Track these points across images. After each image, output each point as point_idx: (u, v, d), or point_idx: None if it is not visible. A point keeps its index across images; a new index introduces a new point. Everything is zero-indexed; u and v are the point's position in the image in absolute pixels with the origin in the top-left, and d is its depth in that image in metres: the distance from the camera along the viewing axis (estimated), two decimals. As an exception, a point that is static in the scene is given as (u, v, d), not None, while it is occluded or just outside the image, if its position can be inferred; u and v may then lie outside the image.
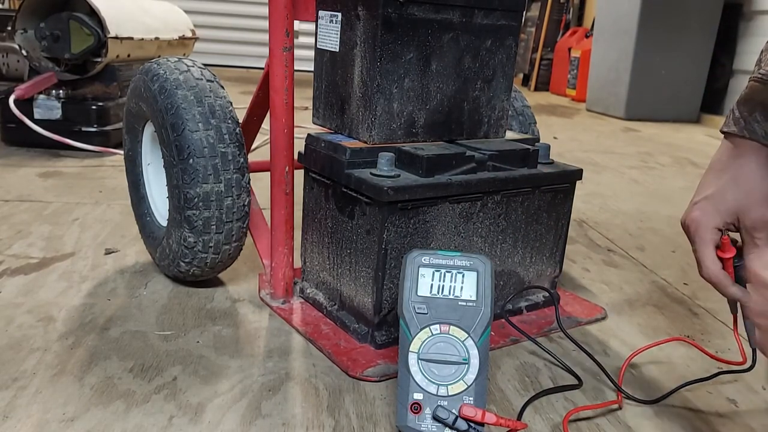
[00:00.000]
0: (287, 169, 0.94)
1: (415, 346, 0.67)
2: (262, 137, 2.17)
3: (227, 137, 0.93)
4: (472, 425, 0.64)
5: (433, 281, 0.70)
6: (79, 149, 1.96)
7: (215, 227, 0.94)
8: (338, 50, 0.90)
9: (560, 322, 0.91)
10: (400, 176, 0.83)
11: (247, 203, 0.97)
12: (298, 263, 1.03)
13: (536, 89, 5.40)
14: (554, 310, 1.03)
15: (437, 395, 0.65)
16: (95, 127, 2.00)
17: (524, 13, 0.98)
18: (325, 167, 0.90)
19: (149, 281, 1.07)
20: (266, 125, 1.00)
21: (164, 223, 1.07)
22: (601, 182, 2.06)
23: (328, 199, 0.92)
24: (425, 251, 0.72)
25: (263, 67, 1.04)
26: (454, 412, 0.64)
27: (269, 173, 0.96)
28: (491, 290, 0.70)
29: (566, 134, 3.06)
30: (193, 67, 0.99)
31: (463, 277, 0.70)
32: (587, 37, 4.76)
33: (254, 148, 1.94)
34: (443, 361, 0.67)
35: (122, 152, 1.20)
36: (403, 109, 0.89)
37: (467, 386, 0.66)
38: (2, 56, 2.39)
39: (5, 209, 1.40)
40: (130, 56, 2.08)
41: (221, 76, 1.66)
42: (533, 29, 5.49)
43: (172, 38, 2.35)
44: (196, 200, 0.92)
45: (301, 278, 1.03)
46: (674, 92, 3.79)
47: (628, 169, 2.31)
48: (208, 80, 0.97)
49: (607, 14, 3.97)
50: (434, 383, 0.66)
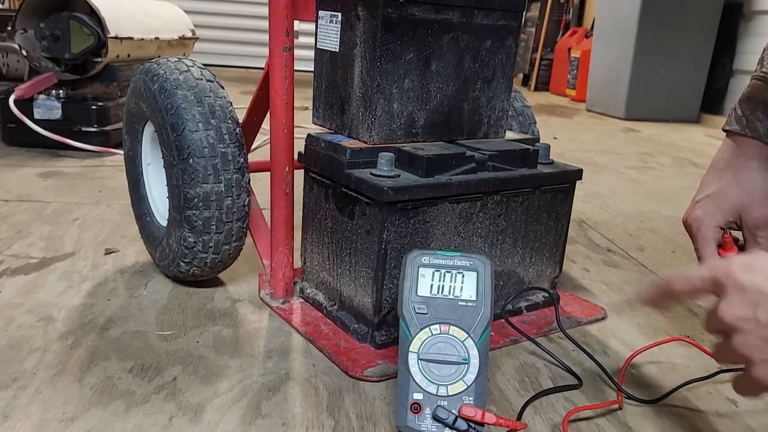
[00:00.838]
0: (287, 169, 0.94)
1: (415, 346, 0.67)
2: (262, 137, 2.17)
3: (227, 137, 0.93)
4: (472, 425, 0.64)
5: (433, 281, 0.70)
6: (79, 149, 1.96)
7: (215, 227, 0.94)
8: (338, 50, 0.90)
9: (560, 322, 0.91)
10: (400, 176, 0.83)
11: (247, 203, 0.97)
12: (298, 263, 1.03)
13: (536, 89, 5.40)
14: (554, 310, 1.03)
15: (437, 395, 0.65)
16: (95, 127, 2.00)
17: (524, 13, 0.98)
18: (325, 167, 0.90)
19: (149, 281, 1.07)
20: (266, 125, 1.00)
21: (164, 223, 1.07)
22: (601, 182, 2.06)
23: (328, 199, 0.92)
24: (425, 251, 0.72)
25: (263, 67, 1.04)
26: (454, 412, 0.64)
27: (269, 173, 0.96)
28: (491, 290, 0.70)
29: (566, 134, 3.07)
30: (193, 67, 0.99)
31: (463, 277, 0.70)
32: (587, 37, 4.76)
33: (254, 148, 1.94)
34: (443, 361, 0.67)
35: (122, 152, 1.20)
36: (403, 109, 0.89)
37: (467, 386, 0.66)
38: (2, 56, 2.40)
39: (5, 209, 1.40)
40: (130, 56, 2.08)
41: (221, 76, 1.66)
42: (533, 29, 5.50)
43: (172, 38, 2.35)
44: (196, 200, 0.92)
45: (301, 278, 1.03)
46: (674, 92, 3.79)
47: (628, 169, 2.31)
48: (208, 80, 0.97)
49: (607, 14, 3.97)
50: (434, 383, 0.66)
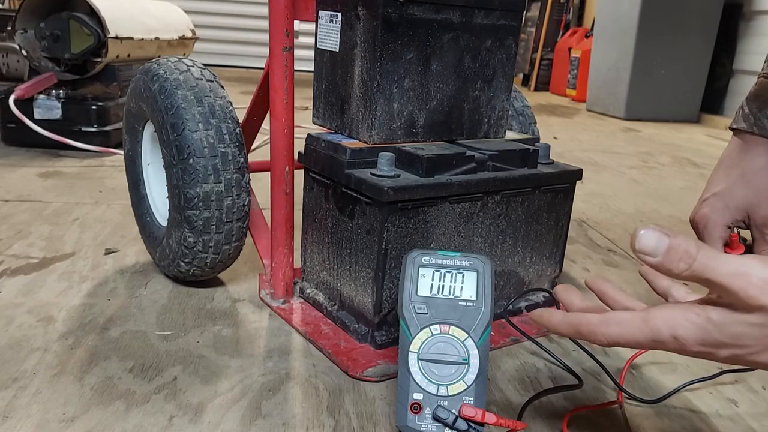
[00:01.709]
0: (287, 169, 0.94)
1: (415, 346, 0.67)
2: (262, 137, 2.17)
3: (227, 137, 0.93)
4: (472, 425, 0.64)
5: (433, 281, 0.70)
6: (79, 149, 1.96)
7: (215, 227, 0.94)
8: (338, 50, 0.90)
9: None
10: (400, 176, 0.83)
11: (247, 203, 0.97)
12: (298, 263, 1.03)
13: (536, 89, 5.40)
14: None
15: (437, 395, 0.65)
16: (95, 127, 2.00)
17: (524, 13, 0.98)
18: (325, 167, 0.90)
19: (149, 281, 1.07)
20: (266, 125, 1.00)
21: (164, 223, 1.07)
22: (601, 182, 2.06)
23: (328, 199, 0.92)
24: (425, 251, 0.72)
25: (263, 67, 1.04)
26: (454, 412, 0.64)
27: (269, 173, 0.96)
28: (491, 290, 0.70)
29: (566, 134, 3.07)
30: (193, 67, 0.99)
31: (463, 277, 0.70)
32: (587, 37, 4.76)
33: (254, 148, 1.94)
34: (443, 361, 0.67)
35: (122, 152, 1.20)
36: (403, 109, 0.89)
37: (467, 386, 0.66)
38: (2, 56, 2.40)
39: (5, 209, 1.40)
40: (130, 56, 2.08)
41: (221, 76, 1.66)
42: (533, 29, 5.50)
43: (172, 38, 2.35)
44: (196, 200, 0.92)
45: (301, 278, 1.03)
46: (674, 92, 3.79)
47: (628, 168, 2.31)
48: (208, 80, 0.97)
49: (607, 14, 3.97)
50: (434, 383, 0.66)
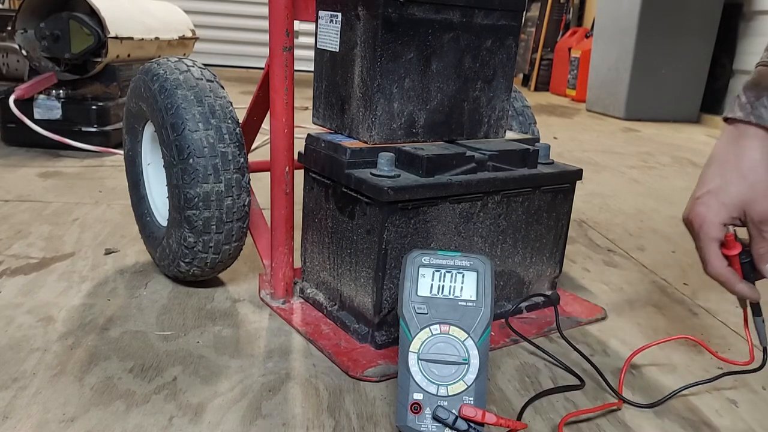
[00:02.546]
0: (287, 169, 0.94)
1: (415, 346, 0.67)
2: (262, 137, 2.17)
3: (227, 137, 0.93)
4: (472, 425, 0.64)
5: (433, 281, 0.70)
6: (79, 149, 1.96)
7: (215, 227, 0.94)
8: (338, 50, 0.90)
9: (560, 327, 0.92)
10: (400, 176, 0.83)
11: (247, 203, 0.97)
12: (298, 263, 1.03)
13: (536, 89, 5.40)
14: (552, 310, 1.03)
15: (437, 395, 0.65)
16: (95, 127, 2.00)
17: (524, 13, 0.98)
18: (325, 167, 0.90)
19: (149, 281, 1.07)
20: (266, 125, 0.99)
21: (164, 223, 1.07)
22: (601, 182, 2.06)
23: (328, 199, 0.92)
24: (425, 251, 0.72)
25: (263, 67, 1.04)
26: (454, 412, 0.64)
27: (269, 173, 0.96)
28: (491, 290, 0.70)
29: (566, 134, 3.07)
30: (193, 67, 0.99)
31: (463, 277, 0.70)
32: (587, 37, 4.76)
33: (254, 148, 1.94)
34: (443, 361, 0.67)
35: (122, 152, 1.20)
36: (403, 109, 0.89)
37: (467, 386, 0.66)
38: (2, 56, 2.39)
39: (5, 209, 1.40)
40: (130, 56, 2.08)
41: (221, 76, 1.66)
42: (533, 29, 5.50)
43: (172, 38, 2.35)
44: (196, 200, 0.92)
45: (301, 278, 1.03)
46: (674, 92, 3.79)
47: (628, 168, 2.31)
48: (208, 80, 0.97)
49: (607, 14, 3.97)
50: (434, 383, 0.66)
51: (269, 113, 0.95)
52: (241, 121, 1.05)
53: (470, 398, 0.65)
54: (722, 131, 0.73)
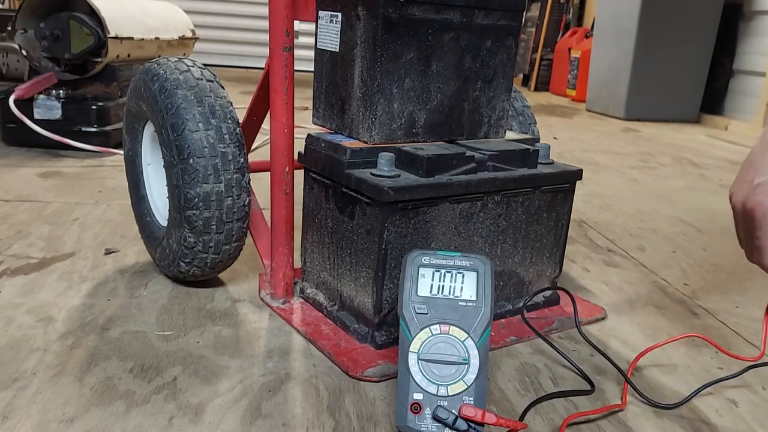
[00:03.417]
0: (287, 169, 0.94)
1: (415, 346, 0.67)
2: (262, 137, 2.17)
3: (227, 137, 0.93)
4: (472, 425, 0.64)
5: (433, 281, 0.70)
6: (79, 149, 1.96)
7: (215, 227, 0.94)
8: (338, 50, 0.90)
9: (579, 326, 0.91)
10: (400, 176, 0.83)
11: (247, 203, 0.97)
12: (298, 263, 1.03)
13: (536, 89, 5.40)
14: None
15: (437, 395, 0.65)
16: (95, 127, 2.00)
17: (524, 13, 0.98)
18: (325, 167, 0.90)
19: (149, 281, 1.07)
20: (266, 125, 0.99)
21: (164, 223, 1.07)
22: (601, 182, 2.06)
23: (328, 199, 0.92)
24: (425, 251, 0.72)
25: (263, 67, 1.04)
26: (454, 412, 0.64)
27: (269, 173, 0.96)
28: (491, 290, 0.70)
29: (566, 134, 3.07)
30: (193, 67, 0.99)
31: (463, 277, 0.70)
32: (587, 37, 4.76)
33: (254, 148, 1.94)
34: (443, 361, 0.67)
35: (122, 152, 1.20)
36: (403, 109, 0.89)
37: (467, 386, 0.66)
38: (2, 56, 2.39)
39: (5, 209, 1.40)
40: (130, 56, 2.08)
41: (221, 76, 1.67)
42: (533, 29, 5.50)
43: (172, 38, 2.35)
44: (196, 200, 0.92)
45: (301, 278, 1.03)
46: (674, 92, 3.79)
47: (628, 169, 2.31)
48: (208, 80, 0.97)
49: (607, 14, 3.97)
50: (434, 383, 0.66)
51: (269, 113, 0.95)
52: (241, 121, 1.05)
53: (470, 398, 0.65)
54: None
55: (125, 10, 2.07)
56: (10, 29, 1.97)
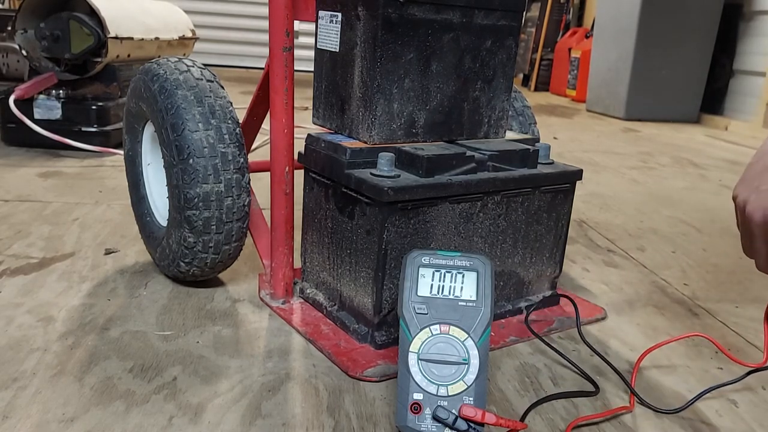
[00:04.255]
0: (287, 169, 0.94)
1: (415, 346, 0.67)
2: (262, 137, 2.17)
3: (227, 137, 0.93)
4: (472, 425, 0.64)
5: (433, 281, 0.70)
6: (79, 149, 1.96)
7: (215, 227, 0.94)
8: (338, 50, 0.90)
9: (581, 330, 0.91)
10: (400, 176, 0.83)
11: (247, 203, 0.97)
12: (298, 263, 1.03)
13: (536, 89, 5.40)
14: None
15: (437, 395, 0.65)
16: (95, 127, 2.00)
17: (524, 13, 0.98)
18: (325, 167, 0.90)
19: (149, 281, 1.07)
20: (266, 125, 0.99)
21: (164, 223, 1.07)
22: (601, 182, 2.06)
23: (328, 199, 0.92)
24: (425, 251, 0.72)
25: (263, 67, 1.04)
26: (454, 412, 0.64)
27: (269, 173, 0.96)
28: (491, 290, 0.70)
29: (566, 134, 3.07)
30: (193, 67, 0.99)
31: (463, 277, 0.70)
32: (587, 37, 4.76)
33: (254, 148, 1.94)
34: (443, 361, 0.67)
35: (122, 152, 1.20)
36: (403, 109, 0.89)
37: (467, 386, 0.66)
38: (2, 56, 2.39)
39: (5, 209, 1.40)
40: (130, 56, 2.08)
41: (221, 76, 1.67)
42: (533, 29, 5.50)
43: (172, 38, 2.35)
44: (196, 200, 0.92)
45: (301, 278, 1.03)
46: (674, 92, 3.79)
47: (628, 169, 2.31)
48: (208, 80, 0.97)
49: (607, 14, 3.97)
50: (434, 383, 0.66)
51: (269, 113, 0.95)
52: (241, 121, 1.05)
53: (470, 398, 0.65)
54: None
55: (125, 10, 2.07)
56: (10, 29, 1.97)
